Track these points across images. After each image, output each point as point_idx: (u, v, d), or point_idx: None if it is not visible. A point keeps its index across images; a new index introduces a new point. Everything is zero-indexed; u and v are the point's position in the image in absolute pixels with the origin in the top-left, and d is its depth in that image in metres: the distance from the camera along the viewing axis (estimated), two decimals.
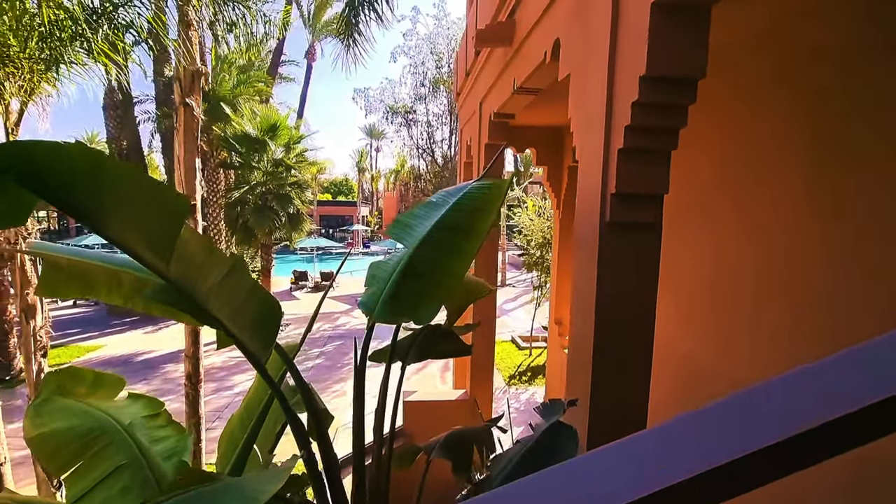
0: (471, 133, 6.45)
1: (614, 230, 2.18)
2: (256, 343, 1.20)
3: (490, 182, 1.82)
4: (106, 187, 0.99)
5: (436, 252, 1.59)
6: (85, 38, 3.61)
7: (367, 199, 57.25)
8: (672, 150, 2.09)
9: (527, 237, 12.74)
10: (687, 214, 3.82)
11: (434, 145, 20.59)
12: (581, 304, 2.34)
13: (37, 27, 3.37)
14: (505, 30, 3.92)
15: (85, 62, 3.90)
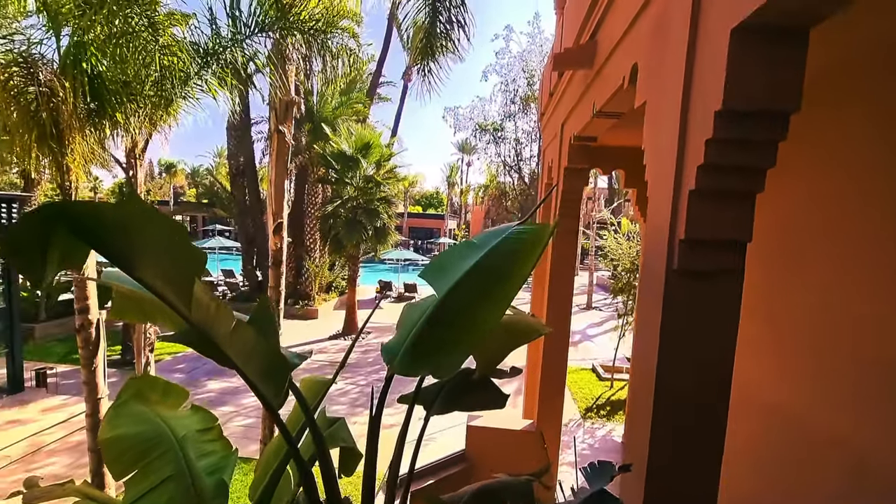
0: (552, 155, 6.27)
1: (683, 278, 1.94)
2: (269, 391, 1.22)
3: (532, 226, 1.71)
4: (136, 238, 1.08)
5: (466, 298, 1.51)
6: (198, 76, 4.19)
7: (457, 212, 58.27)
8: (757, 193, 1.81)
9: (613, 261, 12.02)
10: (781, 253, 3.31)
11: (521, 162, 20.39)
12: (642, 354, 2.12)
13: (153, 72, 3.97)
14: (585, 52, 3.76)
15: (199, 97, 4.53)
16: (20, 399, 9.53)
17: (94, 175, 34.56)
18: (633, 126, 5.31)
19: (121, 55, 3.75)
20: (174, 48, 4.07)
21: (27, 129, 3.53)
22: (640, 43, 2.61)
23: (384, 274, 28.44)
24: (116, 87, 3.92)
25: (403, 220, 50.41)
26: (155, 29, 3.86)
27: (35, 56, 3.74)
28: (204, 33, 4.32)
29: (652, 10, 2.43)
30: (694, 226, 1.84)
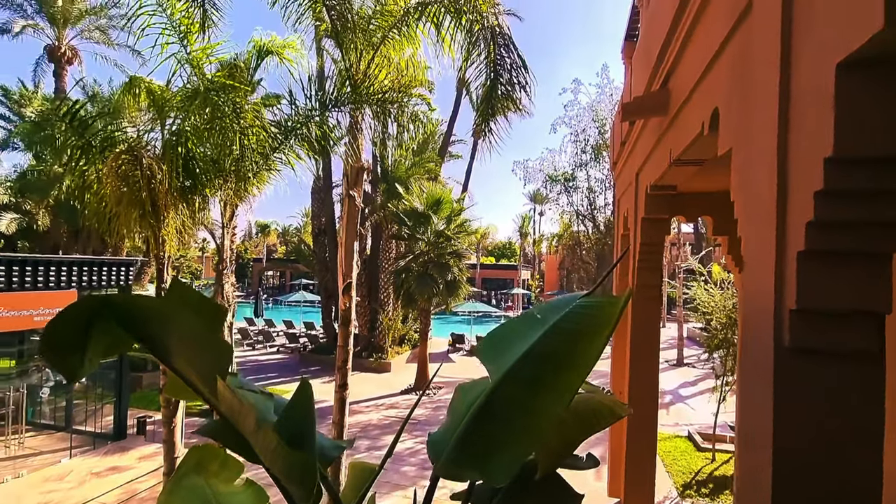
0: (627, 205, 5.92)
1: (799, 359, 1.58)
2: (297, 492, 1.10)
3: (601, 299, 1.48)
4: (172, 330, 1.05)
5: (522, 388, 1.31)
6: (279, 150, 4.60)
7: (530, 262, 57.39)
8: (893, 252, 1.45)
9: (706, 315, 10.86)
10: None
11: (596, 211, 19.74)
12: (749, 441, 1.74)
13: (235, 151, 4.44)
14: (657, 100, 3.55)
15: (279, 168, 4.94)
16: (122, 446, 10.34)
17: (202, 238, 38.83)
18: (719, 170, 4.88)
19: (210, 138, 4.24)
20: (255, 128, 4.54)
21: (132, 207, 4.05)
22: (720, 86, 2.37)
23: (457, 326, 28.24)
24: (206, 165, 4.43)
25: (476, 272, 50.47)
26: (238, 114, 4.35)
27: (141, 144, 4.35)
28: (283, 112, 4.80)
29: (731, 50, 2.21)
30: (807, 294, 1.50)
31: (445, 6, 4.68)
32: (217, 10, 4.36)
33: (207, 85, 4.39)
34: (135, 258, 11.42)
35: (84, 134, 4.33)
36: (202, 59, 4.75)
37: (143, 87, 4.81)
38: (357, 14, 4.93)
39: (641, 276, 5.07)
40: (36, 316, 8.64)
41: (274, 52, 5.70)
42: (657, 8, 3.75)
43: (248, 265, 52.01)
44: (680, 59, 3.15)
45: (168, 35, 4.55)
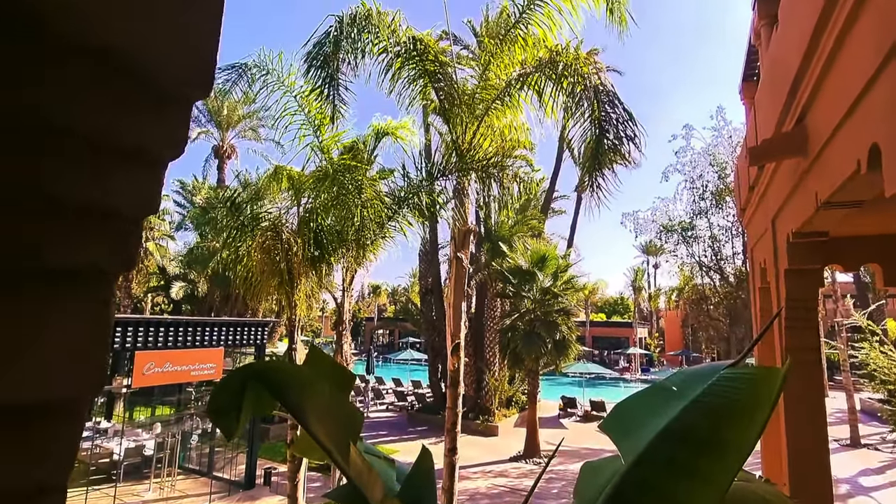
0: (764, 254, 5.24)
1: None
2: None
3: (752, 371, 1.29)
4: (308, 396, 1.13)
5: (660, 474, 1.15)
6: (392, 219, 5.03)
7: (646, 318, 52.74)
8: None
9: (885, 383, 8.83)
10: None
11: (722, 261, 17.75)
12: None
13: (356, 223, 4.94)
14: (791, 140, 3.20)
15: (392, 235, 5.36)
16: (250, 495, 11.11)
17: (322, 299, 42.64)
18: (885, 210, 4.16)
19: (336, 213, 4.81)
20: (373, 201, 5.04)
21: (272, 275, 4.68)
22: (877, 119, 2.06)
23: (567, 388, 26.45)
24: (332, 236, 5.00)
25: (586, 330, 47.51)
26: (360, 190, 4.90)
27: (281, 221, 5.08)
28: (397, 184, 5.31)
29: (884, 82, 1.93)
30: None
31: (546, 74, 4.87)
32: (344, 104, 5.11)
33: (335, 167, 5.05)
34: (269, 320, 12.84)
35: (238, 216, 5.21)
36: (331, 146, 5.51)
37: (285, 174, 5.72)
38: (462, 91, 5.36)
39: (792, 336, 4.33)
40: (192, 371, 10.02)
41: (389, 132, 6.38)
42: (783, 44, 3.48)
43: (361, 324, 55.35)
44: (817, 95, 2.83)
45: (305, 128, 5.41)
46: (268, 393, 1.20)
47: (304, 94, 5.31)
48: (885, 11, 1.85)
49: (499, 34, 5.16)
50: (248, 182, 21.79)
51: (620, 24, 4.78)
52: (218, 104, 24.60)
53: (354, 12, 4.77)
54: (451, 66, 5.43)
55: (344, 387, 1.25)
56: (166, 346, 9.49)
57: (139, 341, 8.78)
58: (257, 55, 5.38)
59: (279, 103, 5.54)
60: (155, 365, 9.27)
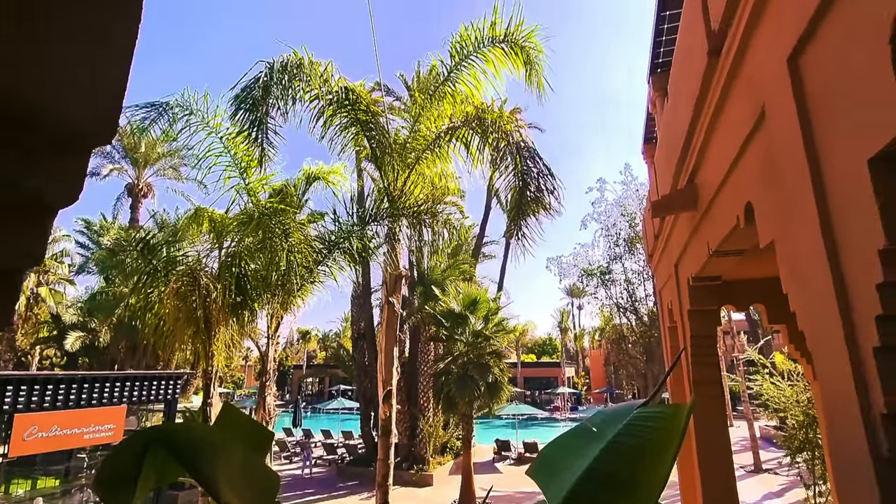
0: (671, 297, 5.74)
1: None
2: None
3: (661, 410, 1.39)
4: (221, 460, 1.05)
5: None
6: (322, 264, 4.93)
7: (573, 358, 54.63)
8: None
9: (777, 411, 9.75)
10: None
11: (636, 303, 19.17)
12: None
13: (282, 268, 4.79)
14: (685, 196, 3.62)
15: (322, 280, 5.23)
16: None
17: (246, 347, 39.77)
18: (765, 256, 4.76)
19: (261, 257, 4.62)
20: (302, 245, 4.92)
21: (188, 324, 4.32)
22: (749, 181, 2.42)
23: (501, 431, 26.32)
24: (257, 282, 4.76)
25: (517, 371, 48.13)
26: (287, 234, 4.76)
27: (199, 266, 4.77)
28: (328, 228, 5.24)
29: (754, 148, 2.29)
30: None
31: (473, 128, 5.19)
32: (273, 147, 5.04)
33: (261, 210, 4.89)
34: (182, 372, 11.69)
35: (152, 259, 4.80)
36: (258, 188, 5.36)
37: (206, 215, 5.42)
38: (394, 140, 5.53)
39: (697, 371, 4.72)
40: (86, 434, 8.69)
41: (321, 177, 6.34)
42: (672, 115, 3.99)
43: (288, 372, 51.97)
44: (703, 159, 3.26)
45: (230, 170, 5.23)
46: (174, 460, 1.10)
47: (231, 136, 5.17)
48: (750, 90, 2.22)
49: (429, 89, 5.46)
50: (166, 223, 20.26)
51: (539, 89, 5.29)
52: (135, 141, 23.03)
53: (286, 60, 4.83)
54: (384, 116, 5.61)
55: (261, 447, 1.18)
56: (55, 407, 8.18)
57: (20, 402, 7.52)
58: (181, 94, 5.20)
59: (203, 143, 5.34)
60: (38, 429, 7.95)
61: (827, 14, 1.49)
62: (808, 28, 1.57)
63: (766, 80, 1.95)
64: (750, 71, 2.17)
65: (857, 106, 1.41)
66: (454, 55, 5.30)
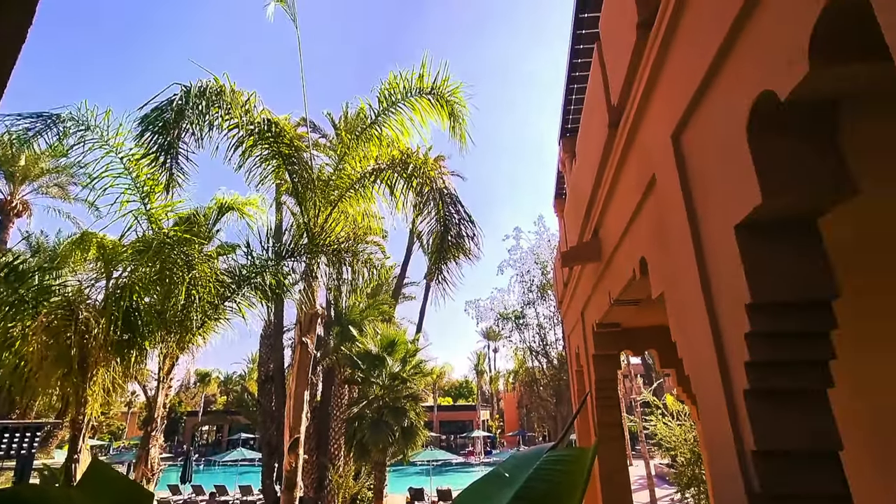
0: (577, 342, 6.08)
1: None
2: None
3: (568, 453, 1.44)
4: None
5: None
6: (230, 299, 4.56)
7: (488, 400, 54.98)
8: (828, 388, 1.55)
9: (669, 450, 10.49)
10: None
11: (548, 346, 20.05)
12: None
13: (182, 302, 4.36)
14: (590, 248, 3.93)
15: (228, 317, 4.82)
16: None
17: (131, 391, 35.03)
18: (658, 306, 5.25)
19: (159, 289, 4.16)
20: (207, 279, 4.53)
21: (57, 364, 3.68)
22: (643, 239, 2.70)
23: (414, 479, 25.36)
24: (150, 317, 4.24)
25: (433, 414, 47.28)
26: (190, 266, 4.36)
27: (81, 297, 4.17)
28: (239, 262, 4.89)
29: (647, 210, 2.57)
30: (764, 434, 1.54)
31: (398, 171, 5.30)
32: (183, 173, 4.68)
33: (162, 239, 4.44)
34: (43, 422, 9.93)
35: (18, 288, 4.08)
36: (161, 215, 4.89)
37: (95, 241, 4.79)
38: (318, 177, 5.43)
39: (601, 414, 4.98)
40: None
41: (235, 208, 5.99)
42: (579, 176, 4.39)
43: (180, 420, 46.31)
44: (605, 216, 3.60)
45: (130, 193, 4.74)
46: None
47: (134, 158, 4.71)
48: (642, 160, 2.52)
49: (356, 130, 5.51)
50: (42, 246, 17.69)
51: (461, 141, 5.60)
52: (12, 153, 20.18)
53: (204, 85, 4.61)
54: (308, 151, 5.53)
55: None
56: None
57: None
58: (77, 108, 4.70)
59: (100, 162, 4.81)
60: None
61: (701, 101, 1.76)
62: (686, 111, 1.85)
63: (655, 152, 2.23)
64: (642, 143, 2.47)
65: (724, 180, 1.65)
66: (382, 101, 5.45)
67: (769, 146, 1.46)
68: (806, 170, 1.44)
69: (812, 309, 1.53)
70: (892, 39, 0.92)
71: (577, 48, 5.31)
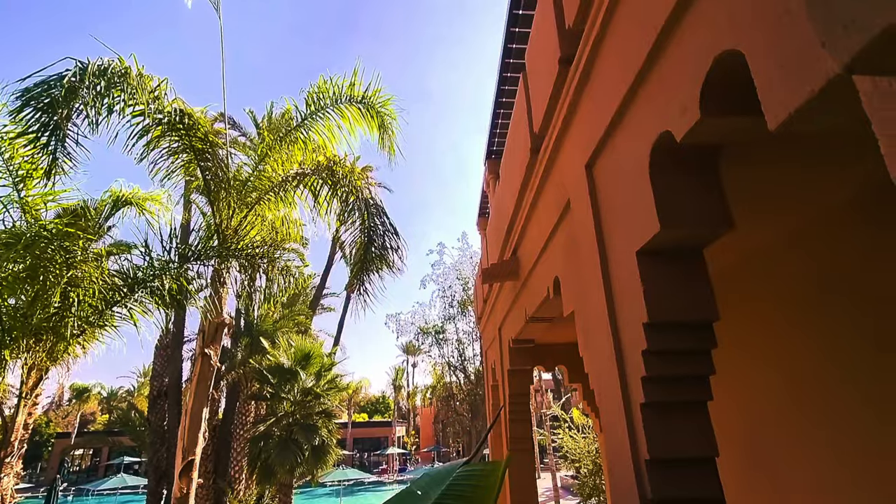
0: (494, 357, 6.24)
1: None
2: None
3: (480, 468, 1.45)
4: None
5: None
6: (121, 304, 4.04)
7: (405, 416, 54.35)
8: (707, 401, 1.73)
9: (574, 461, 11.08)
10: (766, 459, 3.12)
11: (466, 362, 20.41)
12: None
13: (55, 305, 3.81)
14: (509, 267, 4.08)
15: (117, 324, 4.27)
16: None
17: None
18: (569, 324, 5.55)
19: (29, 289, 3.56)
20: (90, 280, 3.97)
21: None
22: (558, 260, 2.85)
23: (323, 501, 24.24)
24: (13, 322, 3.60)
25: (347, 431, 45.73)
26: (70, 265, 3.80)
27: None
28: (132, 262, 4.35)
29: (562, 233, 2.72)
30: (657, 444, 1.67)
31: (323, 178, 5.12)
32: (71, 159, 4.08)
33: (37, 231, 3.81)
34: None
35: None
36: (40, 204, 4.23)
37: None
38: (234, 177, 5.08)
39: (514, 428, 5.13)
40: None
41: (134, 202, 5.37)
42: (501, 196, 4.57)
43: (47, 442, 40.19)
44: (524, 236, 3.76)
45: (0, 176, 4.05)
46: None
47: (8, 136, 4.03)
48: (559, 185, 2.67)
49: (280, 131, 5.25)
50: None
51: (390, 153, 5.56)
52: None
53: (106, 64, 4.10)
54: (225, 148, 5.14)
55: None
56: None
57: None
58: None
59: None
60: None
61: (612, 134, 1.92)
62: (599, 143, 2.00)
63: (571, 179, 2.38)
64: (560, 170, 2.62)
65: (629, 209, 1.80)
66: (310, 104, 5.26)
67: (667, 181, 1.62)
68: (697, 204, 1.62)
69: (698, 329, 1.70)
70: (764, 97, 1.06)
71: (504, 76, 5.57)
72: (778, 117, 1.04)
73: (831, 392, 2.49)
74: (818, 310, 2.58)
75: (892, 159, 0.78)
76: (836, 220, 2.40)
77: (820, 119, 1.04)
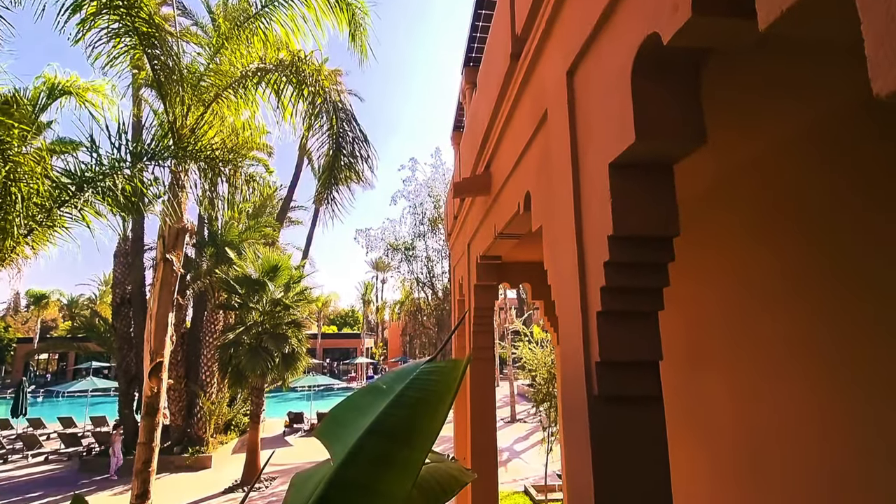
0: (462, 273, 6.40)
1: (607, 405, 1.83)
2: None
3: (442, 364, 1.52)
4: None
5: (366, 469, 1.22)
6: (70, 204, 3.79)
7: (373, 329, 56.63)
8: (658, 312, 1.84)
9: (531, 371, 12.02)
10: (705, 363, 3.43)
11: (434, 279, 20.95)
12: (576, 482, 1.90)
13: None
14: (481, 181, 4.03)
15: (68, 226, 4.04)
16: None
17: None
18: (535, 242, 5.70)
19: None
20: (34, 175, 3.65)
21: None
22: (530, 174, 2.82)
23: (295, 404, 25.74)
24: None
25: (317, 342, 47.56)
26: (5, 157, 3.46)
27: None
28: (80, 160, 4.00)
29: (536, 146, 2.67)
30: (608, 347, 1.79)
31: (287, 76, 4.71)
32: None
33: None
34: None
35: None
36: None
37: None
38: (187, 69, 4.58)
39: (477, 339, 5.42)
40: None
41: (73, 92, 4.83)
42: (477, 107, 4.39)
43: (8, 348, 40.08)
44: (498, 149, 3.68)
45: None
46: None
47: None
48: (538, 94, 2.57)
49: (238, 19, 4.69)
50: None
51: (361, 53, 5.12)
52: None
53: None
54: (175, 37, 4.59)
55: None
56: None
57: None
58: None
59: None
60: None
61: (597, 37, 1.81)
62: (582, 48, 1.89)
63: (550, 87, 2.28)
64: (540, 77, 2.50)
65: (606, 119, 1.76)
66: None
67: (648, 90, 1.56)
68: (674, 117, 1.58)
69: (658, 243, 1.75)
70: None
71: None
72: (769, 15, 0.99)
73: (780, 303, 2.70)
74: (771, 228, 2.71)
75: (875, 63, 0.75)
76: (791, 151, 2.44)
77: (813, 25, 0.99)
